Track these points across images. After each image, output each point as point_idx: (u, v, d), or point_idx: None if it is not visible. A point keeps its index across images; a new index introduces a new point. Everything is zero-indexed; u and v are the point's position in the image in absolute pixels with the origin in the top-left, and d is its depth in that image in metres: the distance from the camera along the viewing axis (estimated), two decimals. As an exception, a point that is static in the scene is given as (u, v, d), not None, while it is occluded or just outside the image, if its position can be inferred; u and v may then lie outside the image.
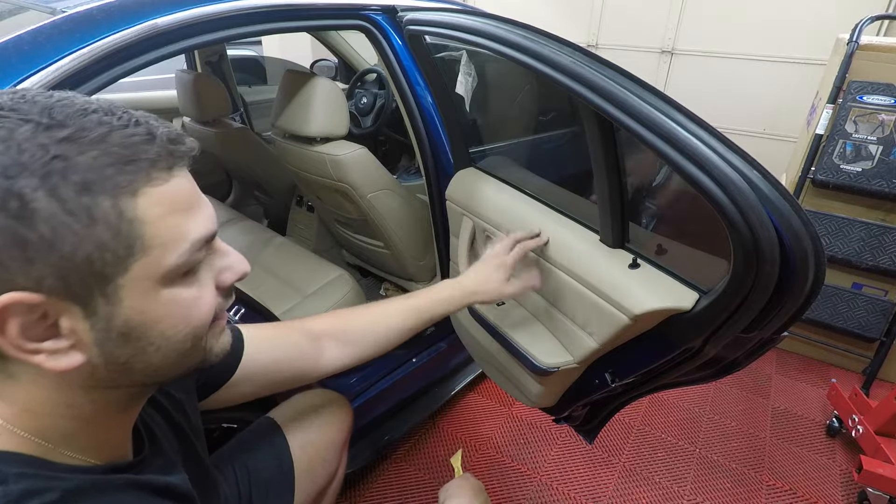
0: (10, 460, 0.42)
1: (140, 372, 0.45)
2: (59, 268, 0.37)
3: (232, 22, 1.04)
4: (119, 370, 0.44)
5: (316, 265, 1.72)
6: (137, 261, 0.40)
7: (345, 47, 2.52)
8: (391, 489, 1.56)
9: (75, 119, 0.38)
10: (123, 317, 0.41)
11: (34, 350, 0.39)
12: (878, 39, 2.04)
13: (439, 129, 1.49)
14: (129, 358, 0.43)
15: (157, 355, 0.44)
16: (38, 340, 0.39)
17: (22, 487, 0.40)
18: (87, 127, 0.38)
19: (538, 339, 1.13)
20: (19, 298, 0.37)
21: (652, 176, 2.58)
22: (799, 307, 0.77)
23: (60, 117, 0.38)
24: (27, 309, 0.38)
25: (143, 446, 0.57)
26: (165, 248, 0.41)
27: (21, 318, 0.38)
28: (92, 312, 0.40)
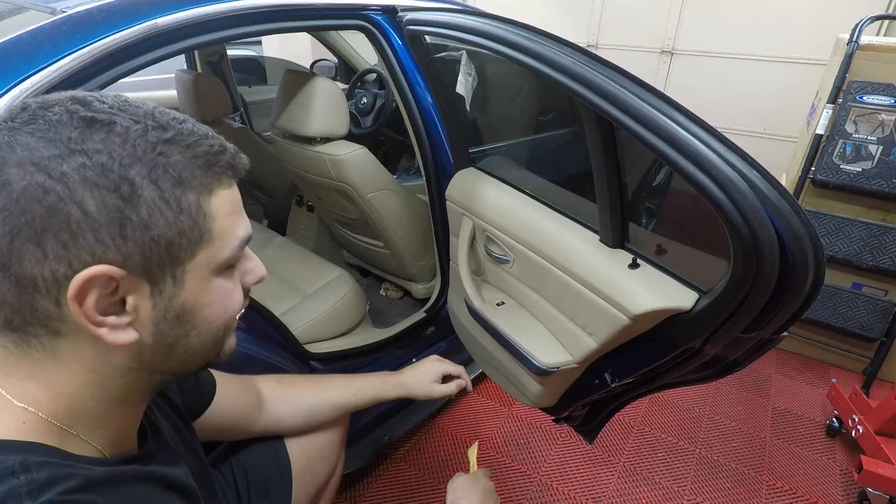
0: (34, 450, 0.44)
1: (179, 356, 0.50)
2: (146, 247, 0.43)
3: (232, 22, 1.04)
4: (162, 352, 0.49)
5: (316, 265, 1.72)
6: (203, 250, 0.47)
7: (345, 47, 2.52)
8: (391, 489, 1.56)
9: (175, 125, 0.45)
10: (182, 298, 0.47)
11: (100, 323, 0.43)
12: (878, 39, 2.04)
13: (439, 129, 1.49)
14: (175, 339, 0.49)
15: (197, 340, 0.50)
16: (104, 314, 0.43)
17: (46, 475, 0.42)
18: (183, 133, 0.45)
19: (538, 339, 1.13)
20: (107, 271, 0.41)
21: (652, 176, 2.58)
22: (799, 307, 0.77)
23: (162, 121, 0.45)
24: (107, 282, 0.42)
25: (147, 439, 0.59)
26: (223, 242, 0.48)
27: (100, 291, 0.42)
28: (158, 292, 0.45)
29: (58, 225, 0.39)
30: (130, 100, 0.46)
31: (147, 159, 0.42)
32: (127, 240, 0.41)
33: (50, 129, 0.40)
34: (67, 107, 0.42)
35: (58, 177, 0.39)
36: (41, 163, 0.39)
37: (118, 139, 0.42)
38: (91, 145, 0.40)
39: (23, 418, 0.45)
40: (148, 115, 0.44)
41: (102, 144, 0.41)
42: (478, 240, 1.30)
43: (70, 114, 0.41)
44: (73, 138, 0.40)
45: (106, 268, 0.41)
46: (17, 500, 0.40)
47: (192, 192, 0.44)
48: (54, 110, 0.41)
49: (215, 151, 0.47)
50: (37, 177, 0.39)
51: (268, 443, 0.94)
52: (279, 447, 0.94)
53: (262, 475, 0.91)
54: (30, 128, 0.40)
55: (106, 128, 0.42)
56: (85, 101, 0.43)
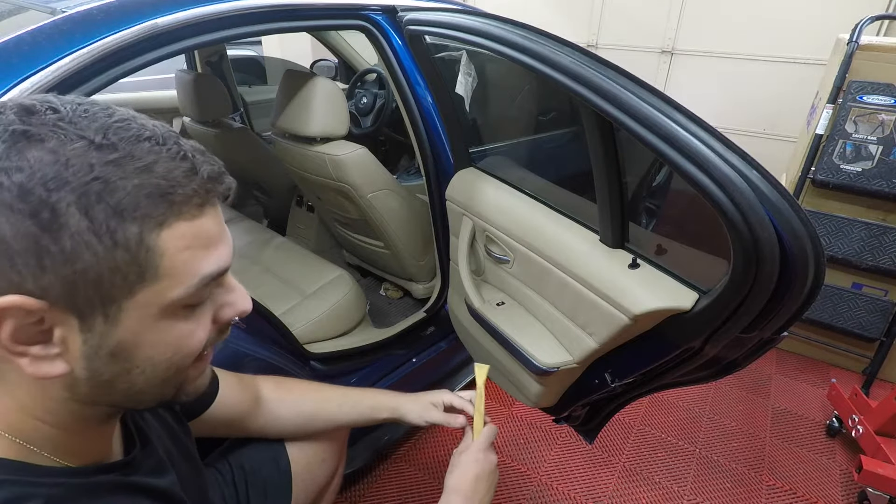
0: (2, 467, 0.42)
1: (121, 393, 0.45)
2: (69, 281, 0.38)
3: (232, 22, 1.04)
4: (101, 387, 0.44)
5: (316, 265, 1.72)
6: (145, 288, 0.41)
7: (345, 47, 2.52)
8: (391, 489, 1.56)
9: (127, 144, 0.39)
10: (117, 337, 0.42)
11: (21, 352, 0.40)
12: (878, 39, 2.04)
13: (439, 129, 1.49)
14: (112, 376, 0.44)
15: (141, 378, 0.45)
16: (27, 343, 0.40)
17: (4, 495, 0.40)
18: (135, 154, 0.39)
19: (538, 339, 1.13)
20: (21, 303, 0.37)
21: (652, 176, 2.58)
22: (799, 307, 0.77)
23: (114, 139, 0.39)
24: (26, 313, 0.38)
25: (134, 446, 0.57)
26: (174, 281, 0.42)
27: (17, 321, 0.38)
28: (88, 328, 0.40)
29: None
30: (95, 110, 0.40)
31: (77, 183, 0.36)
32: (45, 271, 0.37)
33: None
34: (7, 116, 0.38)
35: None
36: None
37: (49, 157, 0.36)
38: (14, 163, 0.36)
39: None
40: (99, 131, 0.38)
41: (28, 162, 0.36)
42: (478, 240, 1.30)
43: (5, 126, 0.37)
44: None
45: (19, 299, 0.37)
46: None
47: (134, 224, 0.38)
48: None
49: (176, 176, 0.40)
50: None
51: (268, 444, 0.94)
52: (279, 449, 0.94)
53: (262, 476, 0.91)
54: None
55: (40, 143, 0.37)
56: (32, 110, 0.38)
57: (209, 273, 0.44)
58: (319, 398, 0.95)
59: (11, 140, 0.36)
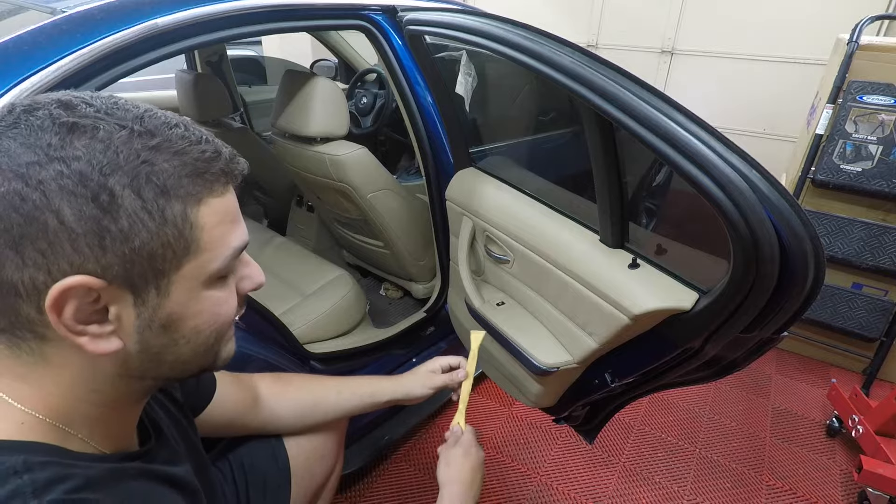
0: (35, 450, 0.44)
1: (169, 364, 0.49)
2: (127, 258, 0.41)
3: (232, 22, 1.04)
4: (151, 360, 0.48)
5: (316, 265, 1.72)
6: (191, 261, 0.45)
7: (345, 47, 2.52)
8: (391, 489, 1.56)
9: (163, 131, 0.43)
10: (168, 309, 0.45)
11: (80, 332, 0.42)
12: (878, 39, 2.04)
13: (439, 129, 1.49)
14: (161, 348, 0.47)
15: (187, 348, 0.49)
16: (85, 323, 0.42)
17: (48, 475, 0.42)
18: (171, 139, 0.43)
19: (538, 340, 1.13)
20: (86, 282, 0.40)
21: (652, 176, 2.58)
22: (799, 307, 0.77)
23: (151, 127, 0.43)
24: (87, 292, 0.41)
25: (150, 438, 0.59)
26: (213, 253, 0.46)
27: (79, 301, 0.41)
28: (142, 302, 0.44)
29: (34, 233, 0.39)
30: (122, 101, 0.44)
31: (129, 167, 0.40)
32: (106, 251, 0.40)
33: (31, 134, 0.39)
34: (51, 111, 0.40)
35: (35, 184, 0.38)
36: (19, 170, 0.38)
37: (100, 146, 0.40)
38: (70, 152, 0.39)
39: (21, 419, 0.45)
40: (136, 120, 0.42)
41: (82, 151, 0.39)
42: (478, 240, 1.30)
43: (52, 119, 0.40)
44: (52, 144, 0.39)
45: (84, 278, 0.40)
46: (22, 499, 0.40)
47: (178, 202, 0.42)
48: (38, 114, 0.40)
49: (207, 158, 0.45)
50: (14, 184, 0.38)
51: (266, 441, 0.94)
52: (278, 446, 0.94)
53: (261, 474, 0.91)
54: (13, 132, 0.39)
55: (88, 134, 0.40)
56: (70, 104, 0.41)
57: (238, 245, 0.49)
58: (318, 388, 0.95)
59: (63, 131, 0.40)
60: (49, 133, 0.39)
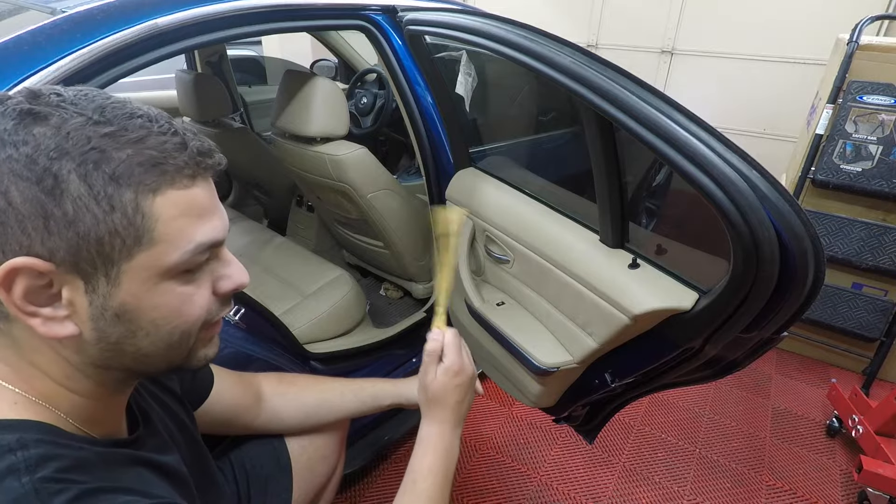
0: (29, 428, 0.46)
1: (130, 356, 0.49)
2: (72, 243, 0.41)
3: (232, 22, 1.04)
4: (109, 350, 0.47)
5: (316, 265, 1.72)
6: (142, 251, 0.44)
7: (345, 47, 2.52)
8: (391, 489, 1.56)
9: (121, 120, 0.43)
10: (119, 299, 0.45)
11: (32, 312, 0.43)
12: (878, 39, 2.03)
13: (439, 129, 1.49)
14: (119, 338, 0.47)
15: (146, 341, 0.48)
16: (38, 305, 0.43)
17: (41, 452, 0.44)
18: (128, 128, 0.43)
19: (538, 340, 1.13)
20: (31, 263, 0.41)
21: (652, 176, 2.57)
22: (799, 307, 0.77)
23: (109, 116, 0.43)
24: (36, 274, 0.42)
25: (138, 426, 0.59)
26: (170, 246, 0.45)
27: (28, 281, 0.42)
28: (92, 289, 0.44)
29: None
30: (93, 94, 0.44)
31: (77, 153, 0.41)
32: (51, 234, 0.41)
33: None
34: (17, 99, 0.42)
35: None
36: None
37: (51, 131, 0.41)
38: (22, 137, 0.40)
39: (13, 399, 0.47)
40: (97, 110, 0.43)
41: (34, 137, 0.40)
42: (478, 240, 1.30)
43: (14, 106, 0.41)
44: (7, 130, 0.40)
45: (29, 260, 0.41)
46: (16, 475, 0.41)
47: (129, 191, 0.42)
48: (7, 104, 0.42)
49: (167, 148, 0.44)
50: None
51: (268, 441, 0.94)
52: (280, 446, 0.94)
53: (263, 473, 0.91)
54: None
55: (44, 120, 0.41)
56: (37, 94, 0.43)
57: (203, 241, 0.47)
58: (321, 389, 0.95)
59: (19, 118, 0.41)
60: (7, 119, 0.41)
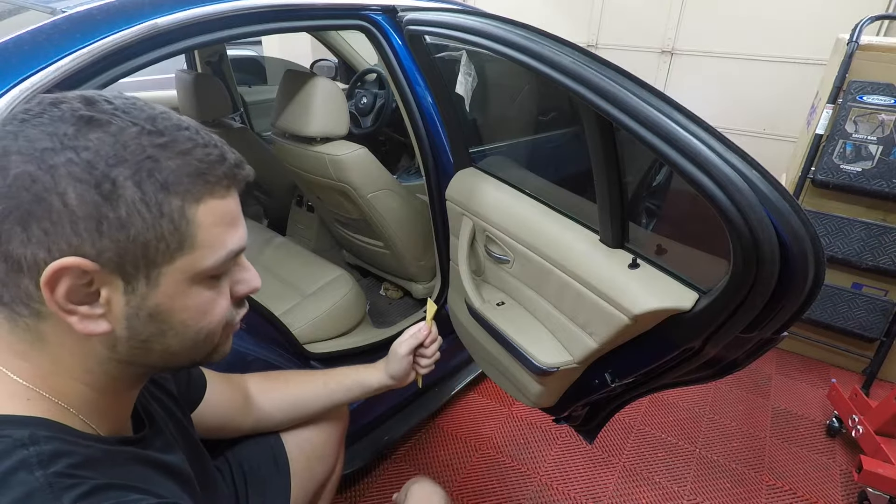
0: (41, 424, 0.47)
1: (157, 353, 0.51)
2: (121, 246, 0.44)
3: (232, 22, 1.04)
4: (139, 347, 0.50)
5: (316, 265, 1.72)
6: (183, 256, 0.47)
7: (345, 47, 2.52)
8: (391, 489, 1.56)
9: (171, 131, 0.46)
10: (155, 300, 0.47)
11: (71, 311, 0.45)
12: (878, 39, 2.04)
13: (439, 129, 1.49)
14: (149, 336, 0.49)
15: (175, 340, 0.51)
16: (76, 303, 0.45)
17: (53, 448, 0.45)
18: (178, 139, 0.46)
19: (538, 339, 1.13)
20: (79, 263, 0.43)
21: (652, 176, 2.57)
22: (799, 307, 0.77)
23: (161, 127, 0.45)
24: (81, 273, 0.43)
25: (143, 425, 0.60)
26: (207, 252, 0.48)
27: (72, 281, 0.44)
28: (132, 290, 0.46)
29: (40, 213, 0.42)
30: (141, 103, 0.47)
31: (133, 161, 0.43)
32: (102, 235, 0.43)
33: (51, 123, 0.43)
34: (73, 104, 0.44)
35: (46, 168, 0.41)
36: (35, 154, 0.41)
37: (109, 139, 0.43)
38: (82, 142, 0.42)
39: (27, 395, 0.48)
40: (149, 120, 0.45)
41: (93, 143, 0.42)
42: (478, 240, 1.30)
43: (73, 111, 0.43)
44: (67, 134, 0.42)
45: (78, 260, 0.42)
46: (28, 469, 0.43)
47: (177, 198, 0.45)
48: (61, 107, 0.43)
49: (211, 160, 0.47)
50: (29, 166, 0.41)
51: (265, 441, 0.94)
52: (277, 446, 0.94)
53: (261, 474, 0.91)
54: (36, 121, 0.43)
55: (102, 128, 0.43)
56: (91, 100, 0.45)
57: (234, 248, 0.51)
58: (304, 381, 0.96)
59: (80, 123, 0.43)
60: (67, 124, 0.43)
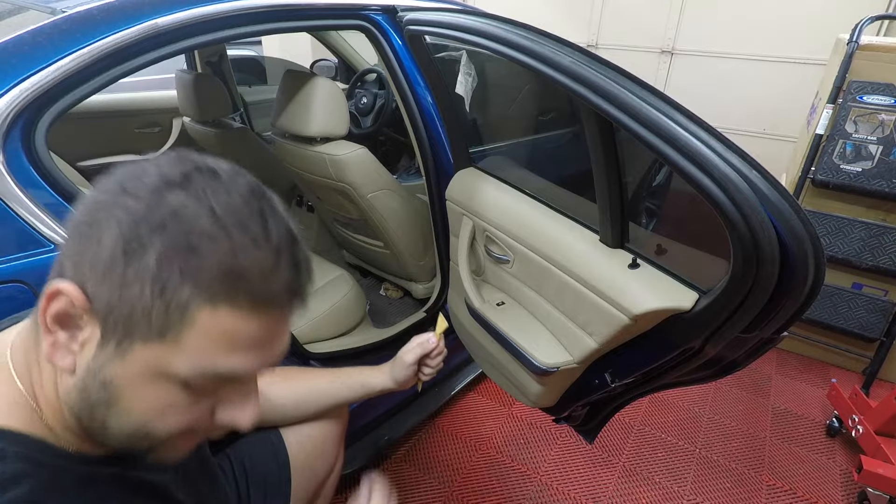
0: (15, 438, 0.46)
1: (98, 421, 0.47)
2: (112, 301, 0.42)
3: (232, 22, 1.04)
4: (83, 403, 0.46)
5: (316, 265, 1.70)
6: (158, 344, 0.43)
7: (345, 47, 2.52)
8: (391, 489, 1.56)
9: (235, 228, 0.42)
10: (115, 370, 0.44)
11: (52, 331, 0.44)
12: (878, 39, 2.04)
13: (439, 129, 1.49)
14: (95, 402, 0.46)
15: (114, 420, 0.46)
16: (60, 327, 0.44)
17: (16, 469, 0.44)
18: (234, 238, 0.42)
19: (538, 340, 1.13)
20: (75, 296, 0.42)
21: (652, 176, 2.57)
22: (799, 307, 0.77)
23: (228, 220, 0.42)
24: (71, 304, 0.43)
25: None
26: (185, 357, 0.43)
27: (63, 306, 0.43)
28: (102, 347, 0.44)
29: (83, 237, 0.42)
30: (241, 187, 0.44)
31: (172, 236, 0.40)
32: (102, 283, 0.42)
33: (153, 174, 0.43)
34: (192, 163, 0.44)
35: (111, 205, 0.42)
36: (117, 191, 0.42)
37: (172, 204, 0.41)
38: (149, 199, 0.41)
39: (17, 399, 0.48)
40: (222, 205, 0.42)
41: (154, 199, 0.41)
42: (478, 240, 1.30)
43: (186, 170, 0.43)
44: (148, 186, 0.42)
45: (76, 292, 0.42)
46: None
47: (188, 288, 0.41)
48: (171, 168, 0.43)
49: (257, 269, 0.42)
50: (105, 196, 0.43)
51: (266, 438, 0.94)
52: (278, 443, 0.94)
53: (261, 471, 0.91)
54: (152, 167, 0.44)
55: (181, 193, 0.42)
56: (202, 167, 0.44)
57: (225, 370, 0.45)
58: (311, 377, 0.96)
59: (176, 181, 0.42)
60: (159, 180, 0.42)
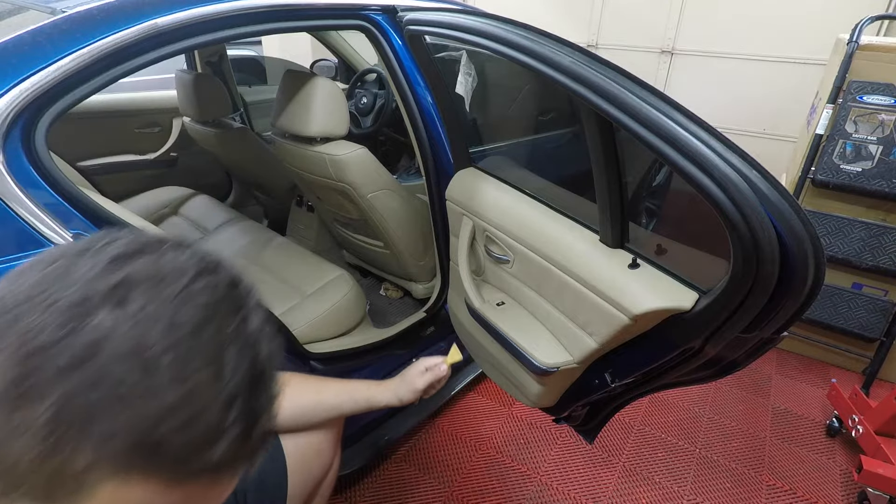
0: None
1: None
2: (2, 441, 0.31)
3: (232, 22, 1.04)
4: None
5: (316, 265, 1.72)
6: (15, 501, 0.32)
7: (345, 47, 2.52)
8: (391, 489, 1.56)
9: (164, 377, 0.31)
10: None
11: None
12: (878, 39, 2.04)
13: (439, 129, 1.49)
14: None
15: None
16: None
17: None
18: (162, 394, 0.31)
19: (538, 339, 1.13)
20: None
21: (652, 176, 2.57)
22: (799, 307, 0.77)
23: (165, 361, 0.31)
24: None
25: None
26: None
27: None
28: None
29: None
30: (222, 301, 0.36)
31: (77, 382, 0.30)
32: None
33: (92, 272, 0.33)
34: (187, 262, 0.35)
35: (7, 321, 0.31)
36: (21, 299, 0.32)
37: (92, 344, 0.30)
38: (64, 321, 0.30)
39: None
40: (170, 345, 0.31)
41: (74, 333, 0.30)
42: (478, 240, 1.30)
43: (181, 267, 0.35)
44: (66, 305, 0.31)
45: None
46: None
47: (87, 455, 0.30)
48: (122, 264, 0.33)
49: (186, 443, 0.32)
50: (7, 301, 0.32)
51: None
52: (274, 443, 0.94)
53: (258, 472, 0.91)
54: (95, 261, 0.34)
55: (110, 317, 0.31)
56: (155, 277, 0.34)
57: None
58: (318, 390, 0.98)
59: (101, 296, 0.31)
60: (80, 295, 0.32)
